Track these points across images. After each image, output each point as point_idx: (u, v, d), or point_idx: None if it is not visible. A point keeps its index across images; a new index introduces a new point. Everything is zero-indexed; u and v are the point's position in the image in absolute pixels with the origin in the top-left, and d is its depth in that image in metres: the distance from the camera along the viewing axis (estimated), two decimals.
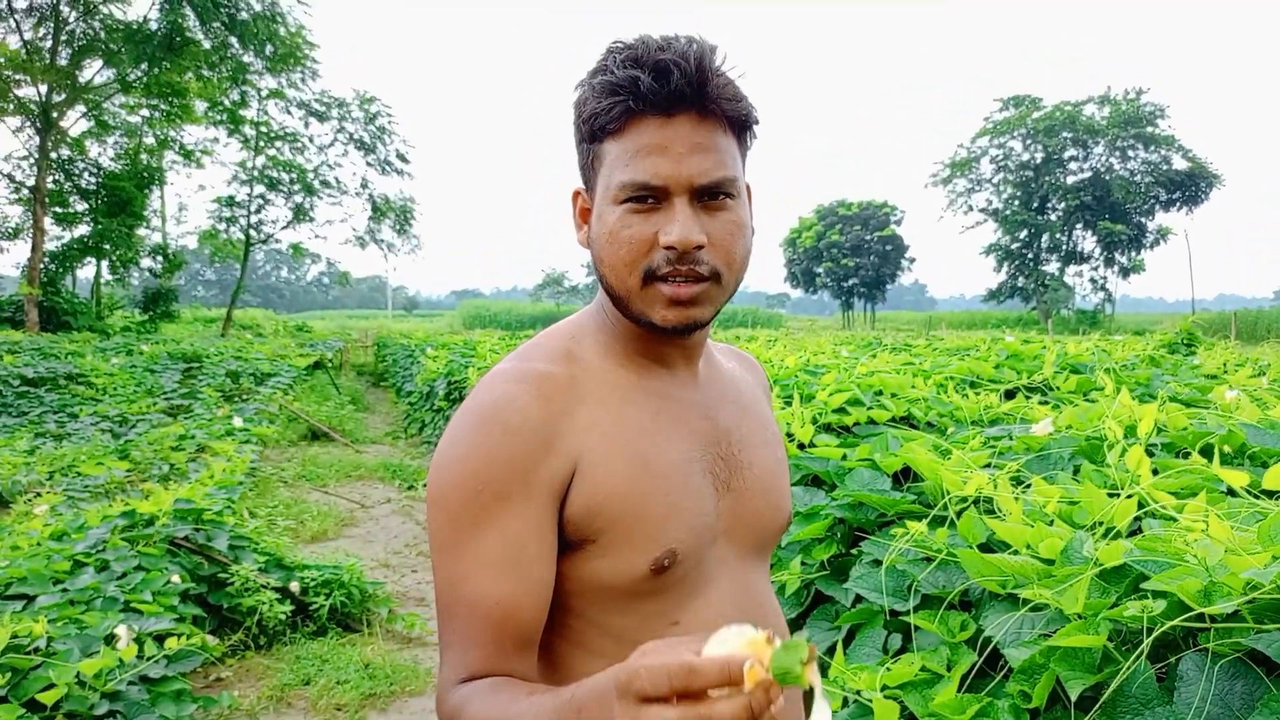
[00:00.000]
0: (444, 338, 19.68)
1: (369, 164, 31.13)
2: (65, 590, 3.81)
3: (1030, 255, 52.66)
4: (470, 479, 0.91)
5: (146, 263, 29.50)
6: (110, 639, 3.36)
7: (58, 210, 25.72)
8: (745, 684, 0.61)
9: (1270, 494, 1.70)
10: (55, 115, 24.15)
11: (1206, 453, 2.15)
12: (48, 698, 2.93)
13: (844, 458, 2.70)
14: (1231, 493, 1.78)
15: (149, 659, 3.39)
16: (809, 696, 0.65)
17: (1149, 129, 48.33)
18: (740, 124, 0.97)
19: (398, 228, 32.46)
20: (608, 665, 0.90)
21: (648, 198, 0.91)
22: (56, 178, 25.30)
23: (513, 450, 0.90)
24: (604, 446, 0.94)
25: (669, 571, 0.95)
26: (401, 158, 31.45)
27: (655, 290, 0.93)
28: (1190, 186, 48.45)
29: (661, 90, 0.90)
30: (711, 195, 0.93)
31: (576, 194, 1.03)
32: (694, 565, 0.98)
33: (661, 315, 0.94)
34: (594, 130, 0.94)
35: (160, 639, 3.58)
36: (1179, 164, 48.54)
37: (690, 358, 1.05)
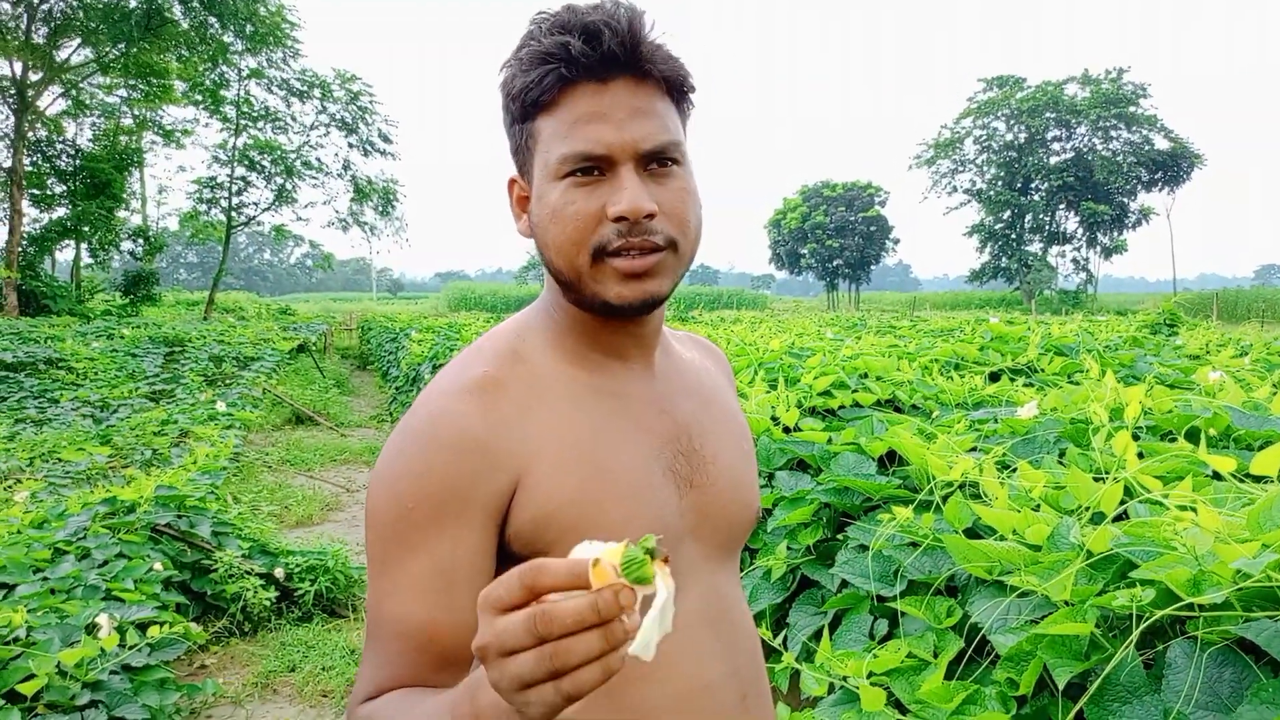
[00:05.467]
0: (429, 320, 19.60)
1: (351, 145, 30.86)
2: (45, 579, 3.77)
3: (1013, 236, 52.88)
4: (403, 497, 0.86)
5: (127, 245, 29.25)
6: (91, 628, 3.34)
7: (35, 192, 25.43)
8: (593, 583, 0.60)
9: (1256, 478, 1.70)
10: (31, 94, 23.81)
11: (1192, 436, 2.15)
12: (28, 688, 2.91)
13: (829, 441, 2.69)
14: (1217, 476, 1.77)
15: (131, 648, 3.36)
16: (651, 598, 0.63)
17: (1130, 109, 48.47)
18: (677, 87, 0.93)
19: (381, 209, 32.22)
20: None
21: (592, 169, 0.87)
22: (34, 159, 24.99)
23: (448, 469, 0.86)
24: (554, 454, 0.90)
25: None
26: (384, 138, 31.17)
27: (607, 267, 0.88)
28: (1172, 166, 48.68)
29: (594, 53, 0.86)
30: (659, 162, 0.89)
31: (512, 182, 0.97)
32: None
33: (616, 293, 0.88)
34: (525, 107, 0.89)
35: (142, 627, 3.56)
36: (1160, 144, 48.76)
37: (645, 348, 1.00)
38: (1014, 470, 2.02)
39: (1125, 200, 50.28)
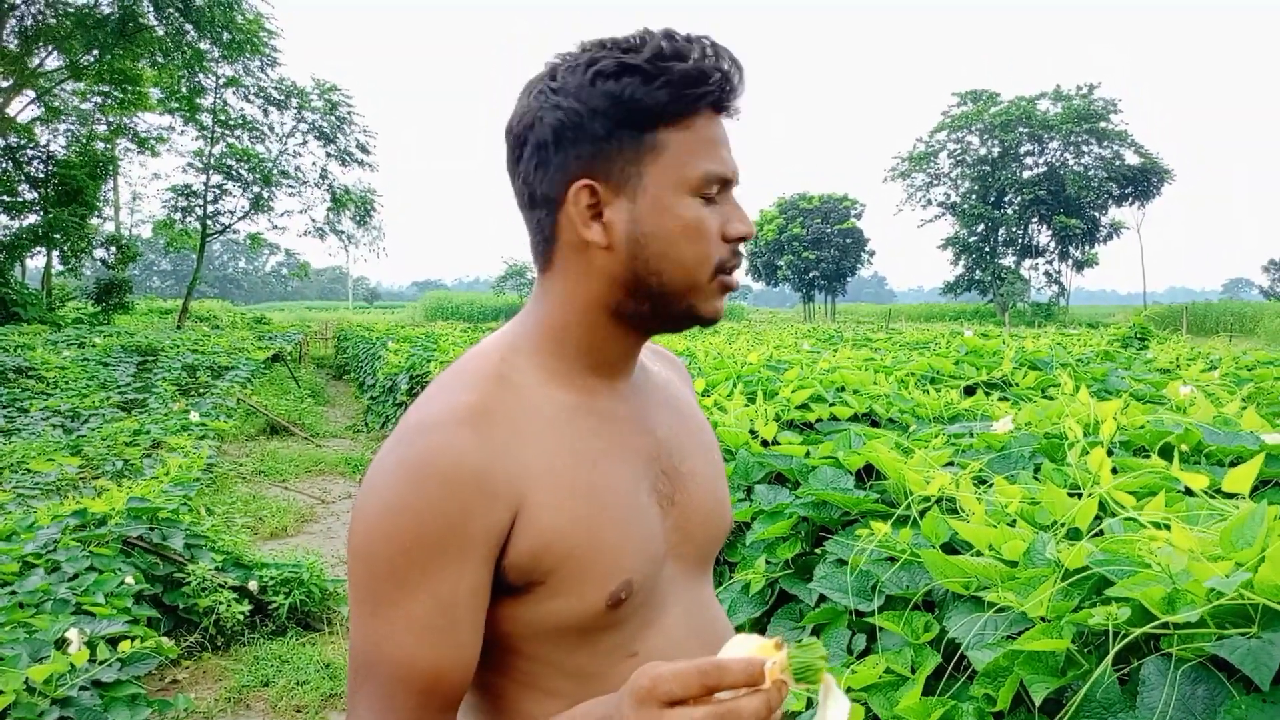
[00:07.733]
0: (406, 330, 19.52)
1: (329, 154, 30.70)
2: (14, 593, 3.72)
3: (987, 249, 53.42)
4: (400, 534, 0.83)
5: (99, 253, 28.85)
6: (61, 643, 3.29)
7: (5, 199, 25.09)
8: (765, 682, 0.67)
9: (1227, 495, 1.72)
10: (1, 101, 23.53)
11: (1165, 451, 2.18)
12: None
13: (807, 455, 2.70)
14: (1189, 493, 1.80)
15: (102, 663, 3.31)
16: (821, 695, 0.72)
17: (1101, 124, 49.17)
18: None
19: (358, 219, 32.05)
20: (566, 705, 0.88)
21: (715, 191, 0.92)
22: (4, 165, 24.68)
23: (447, 504, 0.83)
24: (549, 482, 0.89)
25: (625, 603, 0.91)
26: (362, 148, 31.04)
27: (718, 283, 0.93)
28: (1142, 181, 49.43)
29: (738, 92, 0.93)
30: None
31: (585, 188, 0.90)
32: (649, 592, 0.95)
33: (714, 307, 0.94)
34: (653, 117, 0.89)
35: (113, 642, 3.51)
36: (1131, 159, 49.50)
37: (631, 367, 1.01)
38: (990, 485, 2.04)
39: (1096, 214, 50.98)
